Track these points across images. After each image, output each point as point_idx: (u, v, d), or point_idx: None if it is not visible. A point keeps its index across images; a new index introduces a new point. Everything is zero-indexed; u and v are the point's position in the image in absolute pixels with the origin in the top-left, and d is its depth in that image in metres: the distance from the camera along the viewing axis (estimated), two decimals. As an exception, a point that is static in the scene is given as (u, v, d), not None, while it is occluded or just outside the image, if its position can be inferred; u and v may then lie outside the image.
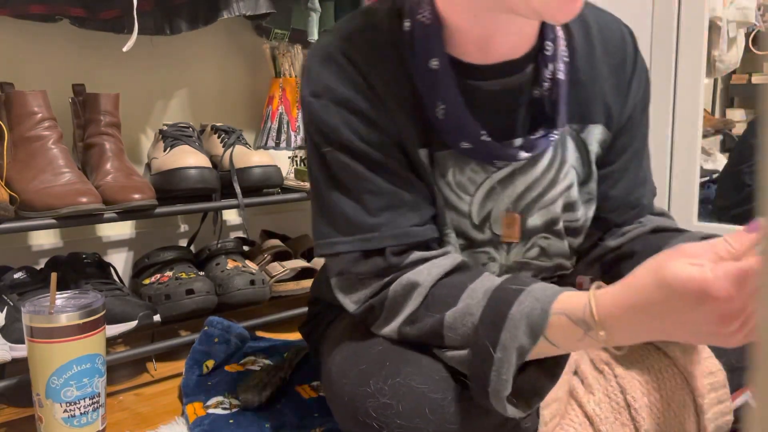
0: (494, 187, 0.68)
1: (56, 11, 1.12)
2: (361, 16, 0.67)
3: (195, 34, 1.28)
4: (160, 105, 1.36)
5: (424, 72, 0.63)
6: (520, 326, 0.53)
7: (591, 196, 0.74)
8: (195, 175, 1.06)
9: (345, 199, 0.64)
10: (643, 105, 0.75)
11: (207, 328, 1.08)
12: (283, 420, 0.87)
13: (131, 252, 1.34)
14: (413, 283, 0.61)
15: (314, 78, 0.65)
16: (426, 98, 0.64)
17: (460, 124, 0.63)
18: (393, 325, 0.62)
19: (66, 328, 0.76)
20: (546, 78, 0.66)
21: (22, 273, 1.02)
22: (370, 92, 0.64)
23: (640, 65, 0.73)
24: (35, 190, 0.92)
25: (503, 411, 0.53)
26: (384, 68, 0.64)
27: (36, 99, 0.97)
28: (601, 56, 0.70)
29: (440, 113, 0.63)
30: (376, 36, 0.65)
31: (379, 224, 0.63)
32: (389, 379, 0.57)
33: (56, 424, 0.77)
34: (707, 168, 2.16)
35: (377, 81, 0.64)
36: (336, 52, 0.64)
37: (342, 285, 0.67)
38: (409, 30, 0.64)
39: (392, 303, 0.62)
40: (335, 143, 0.64)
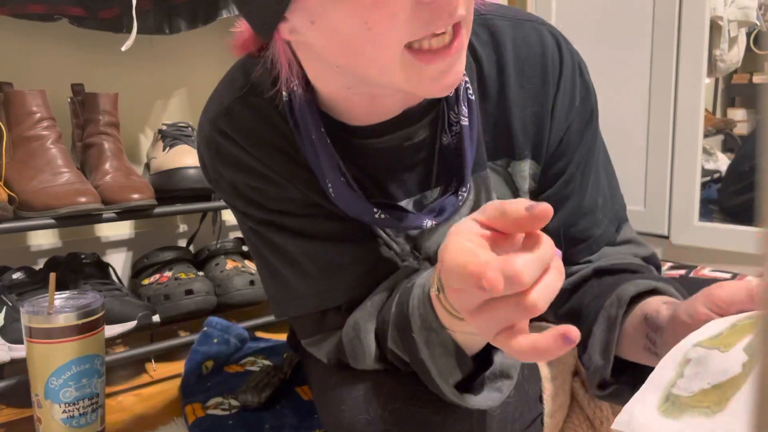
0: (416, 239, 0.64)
1: (55, 10, 1.11)
2: (239, 78, 0.61)
3: (194, 34, 1.27)
4: (159, 105, 1.35)
5: (310, 146, 0.57)
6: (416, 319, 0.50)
7: None
8: (194, 175, 1.06)
9: (286, 265, 0.62)
10: (581, 123, 0.64)
11: (206, 329, 1.08)
12: (282, 421, 0.86)
13: (130, 252, 1.34)
14: (357, 323, 0.59)
15: (207, 163, 0.62)
16: (317, 173, 0.58)
17: (350, 204, 0.58)
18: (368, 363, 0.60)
19: (65, 328, 0.76)
20: (453, 122, 0.59)
21: (20, 273, 1.01)
22: (263, 168, 0.59)
23: (566, 80, 0.62)
24: (34, 189, 0.92)
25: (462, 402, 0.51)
26: (273, 138, 0.59)
27: (35, 98, 0.97)
28: (515, 82, 0.61)
29: (330, 190, 0.58)
30: (259, 101, 0.59)
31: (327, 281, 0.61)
32: (389, 405, 0.56)
33: (55, 424, 0.77)
34: (708, 168, 2.16)
35: (268, 155, 0.59)
36: (217, 136, 0.59)
37: (310, 343, 0.65)
38: (287, 100, 0.57)
39: (350, 347, 0.60)
40: (254, 220, 0.62)
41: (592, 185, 0.65)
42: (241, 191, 0.61)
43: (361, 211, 0.58)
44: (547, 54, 0.61)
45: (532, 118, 0.62)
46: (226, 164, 0.60)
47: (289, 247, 0.61)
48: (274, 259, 0.63)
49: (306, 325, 0.64)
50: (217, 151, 0.60)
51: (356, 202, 0.58)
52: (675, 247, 1.36)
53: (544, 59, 0.61)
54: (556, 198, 0.64)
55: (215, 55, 1.41)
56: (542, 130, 0.62)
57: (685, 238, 1.35)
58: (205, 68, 1.40)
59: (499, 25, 0.61)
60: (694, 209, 1.34)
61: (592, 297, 0.62)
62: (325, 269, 0.61)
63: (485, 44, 0.61)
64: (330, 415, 0.62)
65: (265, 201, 0.61)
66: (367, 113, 0.58)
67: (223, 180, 0.61)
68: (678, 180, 1.35)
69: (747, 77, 2.66)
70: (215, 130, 0.60)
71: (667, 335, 0.50)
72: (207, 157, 0.62)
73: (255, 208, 0.61)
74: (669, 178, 1.36)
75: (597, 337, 0.58)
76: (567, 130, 0.63)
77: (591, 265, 0.64)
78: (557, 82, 0.61)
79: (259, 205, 0.61)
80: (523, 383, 0.61)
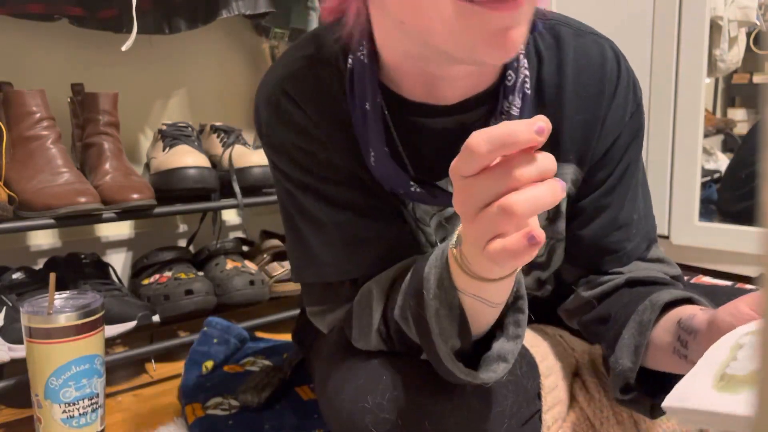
0: (441, 222, 0.65)
1: (55, 10, 1.11)
2: (313, 45, 0.63)
3: (194, 34, 1.27)
4: (159, 104, 1.35)
5: (361, 114, 0.59)
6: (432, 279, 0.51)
7: (560, 236, 0.68)
8: (194, 175, 1.06)
9: (313, 230, 0.63)
10: (628, 138, 0.65)
11: (206, 329, 1.08)
12: (282, 421, 0.86)
13: (130, 252, 1.34)
14: (369, 296, 0.61)
15: (262, 119, 0.64)
16: (361, 142, 0.60)
17: (388, 174, 0.60)
18: (371, 341, 0.61)
19: (65, 328, 0.76)
20: (504, 110, 0.60)
21: (20, 273, 1.01)
22: (316, 133, 0.61)
23: (620, 94, 0.64)
24: (34, 189, 0.92)
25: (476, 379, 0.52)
26: (330, 109, 0.61)
27: (34, 98, 0.97)
28: (571, 88, 0.62)
29: (372, 160, 0.60)
30: (325, 71, 0.61)
31: (349, 253, 0.63)
32: (387, 393, 0.57)
33: (55, 424, 0.77)
34: (708, 168, 2.16)
35: (321, 120, 0.61)
36: (279, 94, 0.62)
37: (315, 312, 0.67)
38: (351, 68, 0.59)
39: (359, 317, 0.62)
40: (294, 181, 0.63)
41: (629, 201, 0.67)
42: (290, 151, 0.62)
43: (397, 182, 0.60)
44: (606, 66, 0.63)
45: (582, 125, 0.63)
46: (282, 123, 0.62)
47: (320, 213, 0.63)
48: (303, 224, 0.64)
49: (318, 292, 0.66)
50: (277, 108, 0.62)
51: (394, 173, 0.60)
52: (675, 247, 1.36)
53: (603, 70, 0.63)
54: (593, 207, 0.66)
55: (215, 55, 1.41)
56: (590, 138, 0.63)
57: (685, 238, 1.35)
58: (205, 68, 1.40)
59: (563, 32, 0.63)
60: (694, 209, 1.34)
61: (622, 304, 0.63)
62: (350, 241, 0.62)
63: (549, 47, 0.63)
64: (329, 405, 0.63)
65: (311, 164, 0.62)
66: (425, 94, 0.59)
67: (274, 137, 0.63)
68: (678, 180, 1.35)
69: (747, 77, 2.66)
70: (279, 90, 0.62)
71: (701, 337, 0.51)
72: (265, 114, 0.63)
73: (299, 170, 0.63)
74: (669, 178, 1.36)
75: (626, 340, 0.59)
76: (614, 142, 0.64)
77: (623, 275, 0.66)
78: (612, 94, 0.63)
79: (304, 168, 0.62)
80: (522, 379, 0.61)
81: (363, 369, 0.61)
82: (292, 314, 1.20)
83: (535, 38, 0.62)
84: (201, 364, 1.02)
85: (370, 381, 0.59)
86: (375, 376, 0.59)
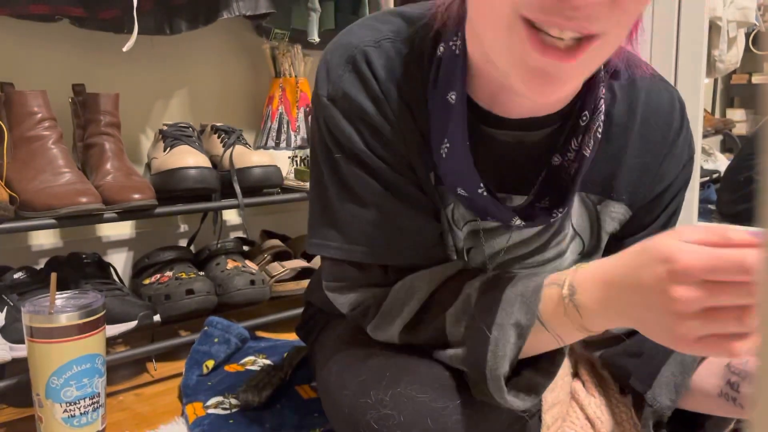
0: (477, 231, 0.65)
1: (56, 11, 1.12)
2: (399, 20, 0.62)
3: (195, 34, 1.28)
4: (160, 105, 1.36)
5: (441, 104, 0.58)
6: (514, 303, 0.52)
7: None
8: (195, 175, 1.06)
9: (352, 207, 0.62)
10: (679, 187, 0.67)
11: (207, 328, 1.08)
12: (282, 420, 0.86)
13: (131, 252, 1.34)
14: (414, 287, 0.60)
15: (334, 80, 0.61)
16: (434, 131, 0.59)
17: (460, 170, 0.59)
18: (392, 330, 0.62)
19: (66, 328, 0.76)
20: (572, 149, 0.60)
21: (22, 273, 1.01)
22: (387, 108, 0.60)
23: (680, 146, 0.65)
24: (35, 190, 0.92)
25: (501, 398, 0.53)
26: (404, 87, 0.60)
27: (36, 99, 0.97)
28: (638, 130, 0.63)
29: (444, 151, 0.59)
30: (407, 51, 0.60)
31: (386, 238, 0.61)
32: (389, 389, 0.57)
33: (56, 424, 0.77)
34: (707, 168, 2.16)
35: (394, 98, 0.60)
36: (360, 59, 0.59)
37: (335, 287, 0.66)
38: (440, 56, 0.59)
39: (390, 305, 0.61)
40: (348, 152, 0.61)
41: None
42: (356, 118, 0.60)
43: (466, 180, 0.59)
44: (674, 115, 0.65)
45: (640, 167, 0.64)
46: (358, 88, 0.60)
47: (364, 191, 0.61)
48: (341, 199, 0.62)
49: (341, 269, 0.64)
50: (357, 72, 0.60)
51: (467, 171, 0.58)
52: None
53: (670, 118, 0.64)
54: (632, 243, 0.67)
55: (216, 55, 1.42)
56: (645, 181, 0.65)
57: (684, 238, 1.35)
58: (206, 69, 1.41)
59: (638, 75, 0.64)
60: (694, 210, 1.34)
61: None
62: (389, 228, 0.61)
63: (623, 87, 0.63)
64: (331, 400, 0.63)
65: (372, 138, 0.60)
66: (491, 102, 0.59)
67: (344, 100, 0.60)
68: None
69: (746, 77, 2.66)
70: (362, 55, 0.59)
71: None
72: (337, 73, 0.60)
73: (358, 140, 0.60)
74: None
75: (666, 378, 0.61)
76: (666, 188, 0.66)
77: None
78: (674, 142, 0.65)
79: (364, 139, 0.60)
80: None
81: (366, 365, 0.61)
82: (292, 314, 1.20)
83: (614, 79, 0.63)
84: (202, 364, 1.02)
85: (372, 377, 0.59)
86: (378, 372, 0.59)
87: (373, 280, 0.63)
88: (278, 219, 1.57)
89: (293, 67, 1.38)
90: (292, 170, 1.30)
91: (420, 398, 0.56)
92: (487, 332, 0.53)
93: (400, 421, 0.55)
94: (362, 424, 0.57)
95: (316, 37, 1.28)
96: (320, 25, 1.30)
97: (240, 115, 1.47)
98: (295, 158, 1.32)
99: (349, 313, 0.65)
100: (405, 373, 0.58)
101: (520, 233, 0.64)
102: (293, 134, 1.36)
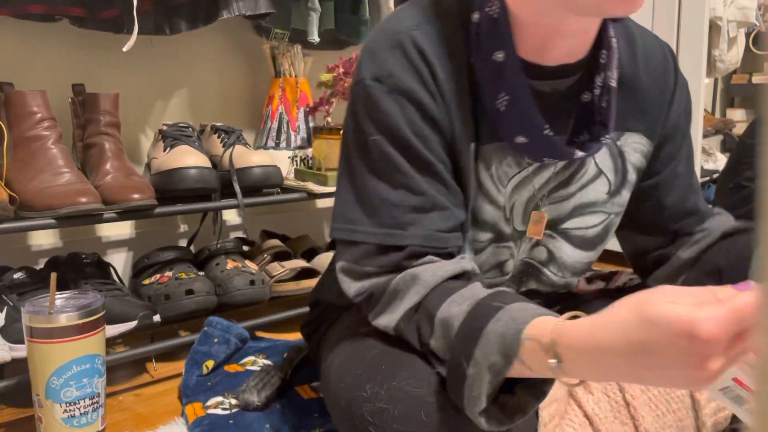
0: (522, 181, 0.69)
1: (56, 11, 1.12)
2: (426, 3, 0.67)
3: (195, 34, 1.28)
4: (160, 105, 1.36)
5: (487, 64, 0.63)
6: (493, 344, 0.51)
7: (621, 208, 0.75)
8: (195, 175, 1.06)
9: (381, 190, 0.63)
10: (687, 116, 0.78)
11: (207, 329, 1.08)
12: (282, 420, 0.87)
13: (131, 252, 1.34)
14: (416, 278, 0.61)
15: (379, 62, 0.63)
16: (487, 90, 0.64)
17: (523, 117, 0.64)
18: (390, 317, 0.62)
19: (66, 328, 0.76)
20: (597, 85, 0.67)
21: (21, 273, 1.01)
22: (433, 85, 0.63)
23: (681, 79, 0.76)
24: (35, 190, 0.92)
25: (478, 424, 0.52)
26: (449, 61, 0.64)
27: (35, 99, 0.97)
28: (643, 68, 0.72)
29: (502, 105, 0.63)
30: (446, 26, 0.65)
31: (408, 222, 0.62)
32: (385, 383, 0.57)
33: (56, 424, 0.77)
34: (707, 168, 2.16)
35: (441, 74, 0.63)
36: (406, 40, 0.63)
37: (350, 271, 0.66)
38: (477, 22, 0.64)
39: (392, 293, 0.62)
40: (386, 133, 0.63)
41: (693, 169, 0.80)
42: (399, 97, 0.63)
43: (533, 123, 0.64)
44: (666, 55, 0.76)
45: (652, 101, 0.73)
46: (403, 67, 0.63)
47: (397, 173, 0.63)
48: (375, 178, 0.64)
49: (359, 251, 0.64)
50: (405, 55, 0.63)
51: (533, 115, 0.63)
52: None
53: (665, 59, 0.75)
54: (670, 175, 0.77)
55: (215, 55, 1.42)
56: (659, 115, 0.74)
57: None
58: (206, 69, 1.41)
59: (630, 25, 0.75)
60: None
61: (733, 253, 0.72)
62: (416, 209, 0.63)
63: (621, 35, 0.72)
64: (330, 392, 0.64)
65: (417, 116, 0.63)
66: (538, 51, 0.64)
67: (387, 77, 0.63)
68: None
69: (746, 77, 2.66)
70: (408, 38, 0.63)
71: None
72: (382, 56, 0.63)
73: (403, 119, 0.63)
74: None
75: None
76: (678, 119, 0.76)
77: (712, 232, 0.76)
78: (675, 77, 0.76)
79: (408, 118, 0.63)
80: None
81: (363, 358, 0.62)
82: (292, 314, 1.20)
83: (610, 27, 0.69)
84: (202, 364, 1.02)
85: (369, 370, 0.60)
86: (374, 366, 0.60)
87: (387, 265, 0.63)
88: (278, 219, 1.57)
89: (293, 67, 1.38)
90: (292, 170, 1.30)
91: (415, 393, 0.56)
92: (465, 365, 0.52)
93: (395, 415, 0.55)
94: (358, 417, 0.57)
95: (316, 37, 1.28)
96: (320, 25, 1.30)
97: (240, 115, 1.47)
98: (295, 158, 1.32)
99: (354, 298, 0.65)
100: (401, 367, 0.59)
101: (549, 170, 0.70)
102: (293, 134, 1.36)
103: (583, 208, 0.73)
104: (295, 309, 1.21)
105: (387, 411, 0.56)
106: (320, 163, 1.22)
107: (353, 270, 0.65)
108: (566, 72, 0.67)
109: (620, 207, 0.75)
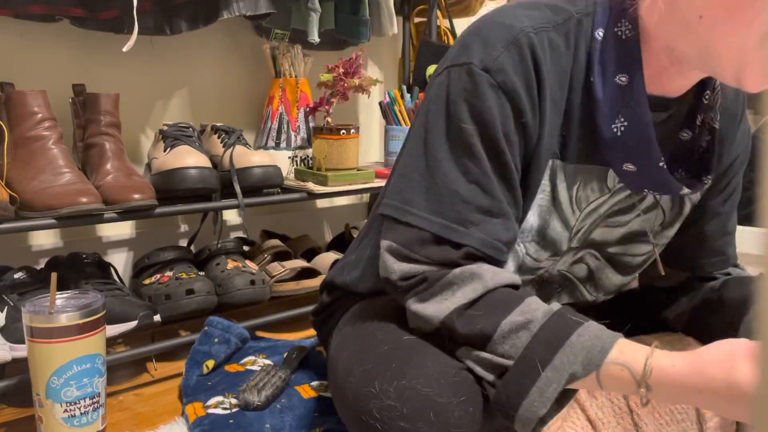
0: (597, 207, 0.69)
1: (56, 11, 1.12)
2: (548, 10, 0.65)
3: (195, 34, 1.28)
4: (160, 105, 1.36)
5: (608, 86, 0.62)
6: (578, 355, 0.54)
7: (668, 240, 0.76)
8: (195, 175, 1.06)
9: (453, 179, 0.62)
10: (744, 158, 0.77)
11: (207, 328, 1.08)
12: (282, 421, 0.87)
13: (131, 252, 1.34)
14: (475, 276, 0.60)
15: (494, 54, 0.61)
16: (603, 112, 0.63)
17: (640, 146, 0.63)
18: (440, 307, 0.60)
19: (66, 328, 0.76)
20: (697, 125, 0.68)
21: (22, 273, 1.01)
22: (537, 95, 0.62)
23: (746, 119, 0.76)
24: (35, 190, 0.92)
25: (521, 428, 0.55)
26: (559, 75, 0.63)
27: (36, 99, 0.97)
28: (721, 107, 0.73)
29: (618, 130, 0.63)
30: (564, 36, 0.63)
31: (472, 222, 0.61)
32: (394, 380, 0.57)
33: (56, 424, 0.77)
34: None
35: (547, 86, 0.62)
36: (524, 42, 0.61)
37: (397, 252, 0.64)
38: (601, 40, 0.63)
39: (445, 284, 0.60)
40: (479, 125, 0.61)
41: (734, 213, 0.80)
42: (502, 94, 0.61)
43: (646, 156, 0.63)
44: (740, 98, 0.76)
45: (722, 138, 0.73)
46: (515, 66, 0.61)
47: (477, 168, 0.61)
48: (453, 167, 0.62)
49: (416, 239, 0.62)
50: (520, 54, 0.61)
51: (650, 146, 0.63)
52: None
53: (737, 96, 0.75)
54: (712, 211, 0.78)
55: (216, 55, 1.42)
56: (724, 150, 0.74)
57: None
58: (206, 69, 1.41)
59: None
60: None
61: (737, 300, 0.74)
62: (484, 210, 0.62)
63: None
64: (338, 386, 0.64)
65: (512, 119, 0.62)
66: (651, 78, 0.63)
67: (497, 72, 0.61)
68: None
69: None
70: (526, 39, 0.61)
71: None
72: (497, 49, 0.61)
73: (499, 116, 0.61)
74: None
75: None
76: (737, 157, 0.76)
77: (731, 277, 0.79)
78: (741, 115, 0.76)
79: (501, 118, 0.61)
80: None
81: (373, 354, 0.62)
82: (292, 314, 1.20)
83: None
84: (202, 364, 1.02)
85: (378, 366, 0.59)
86: (384, 363, 0.59)
87: (438, 257, 0.61)
88: (278, 219, 1.57)
89: (293, 67, 1.38)
90: (292, 170, 1.30)
91: (424, 392, 0.56)
92: (540, 368, 0.54)
93: (403, 413, 0.55)
94: (365, 413, 0.57)
95: (316, 37, 1.28)
96: (320, 25, 1.30)
97: (240, 115, 1.47)
98: (295, 158, 1.32)
99: (397, 281, 0.63)
100: (411, 365, 0.58)
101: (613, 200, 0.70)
102: (293, 134, 1.36)
103: (634, 237, 0.74)
104: (295, 309, 1.21)
105: (395, 409, 0.56)
106: (320, 163, 1.22)
107: (400, 252, 0.63)
108: (666, 105, 0.66)
109: (668, 239, 0.76)
